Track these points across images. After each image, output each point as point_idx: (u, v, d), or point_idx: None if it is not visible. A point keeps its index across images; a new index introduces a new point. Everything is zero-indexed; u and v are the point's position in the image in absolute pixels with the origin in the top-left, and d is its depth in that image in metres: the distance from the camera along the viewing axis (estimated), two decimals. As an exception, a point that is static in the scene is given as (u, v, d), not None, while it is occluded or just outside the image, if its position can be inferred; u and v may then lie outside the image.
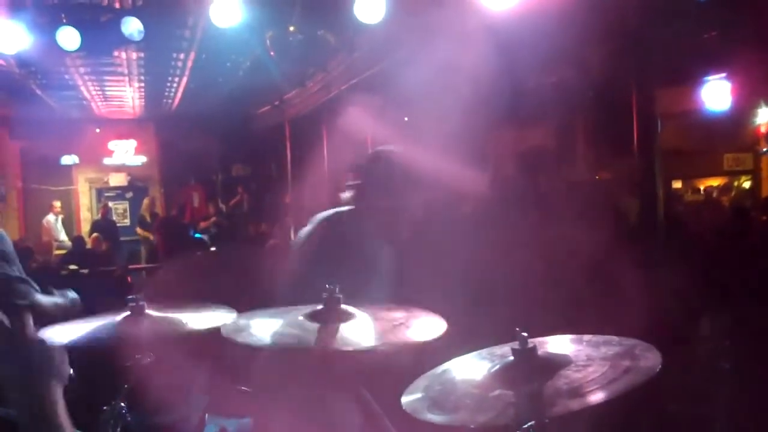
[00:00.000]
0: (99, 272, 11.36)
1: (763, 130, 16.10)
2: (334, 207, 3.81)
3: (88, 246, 14.18)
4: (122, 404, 2.85)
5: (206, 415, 2.97)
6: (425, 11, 7.24)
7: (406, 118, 13.62)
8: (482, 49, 7.07)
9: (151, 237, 16.35)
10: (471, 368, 2.21)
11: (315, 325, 2.45)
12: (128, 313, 2.86)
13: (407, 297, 2.99)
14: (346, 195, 3.73)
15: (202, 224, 16.84)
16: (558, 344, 2.23)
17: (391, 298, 3.11)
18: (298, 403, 2.80)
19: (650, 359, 2.05)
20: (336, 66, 10.97)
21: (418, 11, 7.28)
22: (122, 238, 17.07)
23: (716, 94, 13.40)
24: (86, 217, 19.24)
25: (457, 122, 4.96)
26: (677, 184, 15.68)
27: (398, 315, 2.60)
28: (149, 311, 2.89)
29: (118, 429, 2.81)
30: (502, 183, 6.58)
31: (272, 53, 8.55)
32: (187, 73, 12.93)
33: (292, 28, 8.10)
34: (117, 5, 8.70)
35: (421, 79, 9.16)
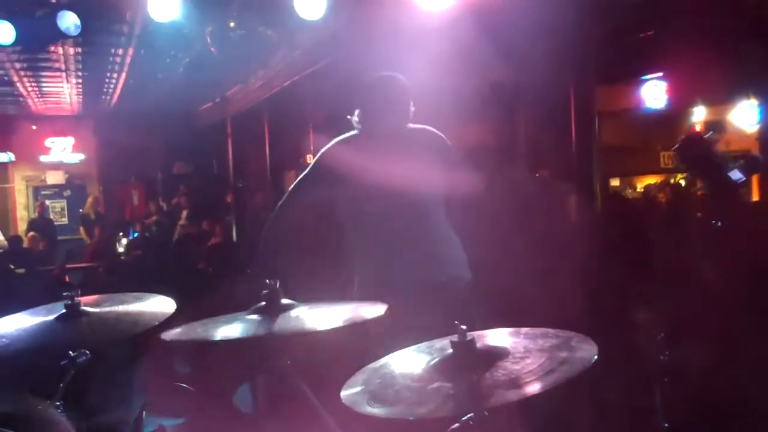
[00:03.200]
0: (36, 272, 11.15)
1: (698, 128, 16.47)
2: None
3: (25, 245, 13.91)
4: (58, 404, 2.80)
5: (144, 414, 2.94)
6: (365, 10, 7.25)
7: (348, 117, 13.60)
8: (422, 49, 7.11)
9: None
10: (410, 361, 2.22)
11: (259, 318, 2.47)
12: (64, 311, 2.81)
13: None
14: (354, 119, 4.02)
15: (146, 221, 16.64)
16: (496, 337, 2.26)
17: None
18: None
19: (586, 350, 2.09)
20: (277, 62, 10.92)
21: (358, 9, 7.29)
22: (60, 237, 16.76)
23: (653, 92, 13.70)
24: (23, 215, 18.86)
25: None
26: (615, 182, 15.96)
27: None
28: (86, 308, 2.84)
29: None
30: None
31: (213, 49, 8.47)
32: (126, 68, 12.75)
33: (232, 24, 8.04)
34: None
35: (362, 77, 9.18)
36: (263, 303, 2.52)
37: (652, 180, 16.25)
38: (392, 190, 3.60)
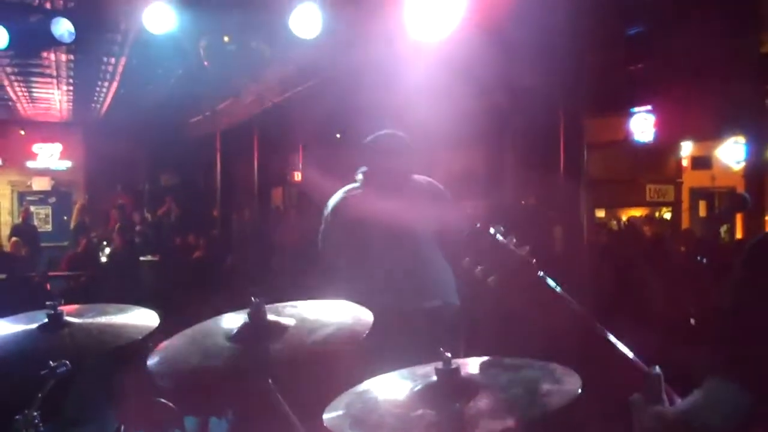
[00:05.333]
0: (17, 278, 11.06)
1: (685, 163, 16.60)
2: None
3: (7, 250, 13.80)
4: (36, 414, 2.77)
5: (122, 427, 2.91)
6: (360, 31, 7.28)
7: (338, 135, 13.66)
8: (413, 76, 7.15)
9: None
10: (394, 387, 2.21)
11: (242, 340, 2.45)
12: (46, 320, 2.78)
13: None
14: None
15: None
16: (480, 365, 2.25)
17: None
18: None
19: (570, 383, 2.08)
20: (270, 79, 10.93)
21: (353, 30, 7.32)
22: (43, 244, 16.63)
23: (641, 125, 13.79)
24: (6, 220, 18.72)
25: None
26: (601, 213, 16.02)
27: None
28: (68, 318, 2.81)
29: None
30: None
31: (206, 62, 8.47)
32: (117, 78, 12.74)
33: (226, 38, 8.05)
34: (48, 6, 8.53)
35: (354, 98, 9.21)
36: (247, 321, 2.50)
37: (636, 212, 16.33)
38: (392, 232, 4.09)
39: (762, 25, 9.14)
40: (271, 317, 2.54)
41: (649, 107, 13.34)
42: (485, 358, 2.32)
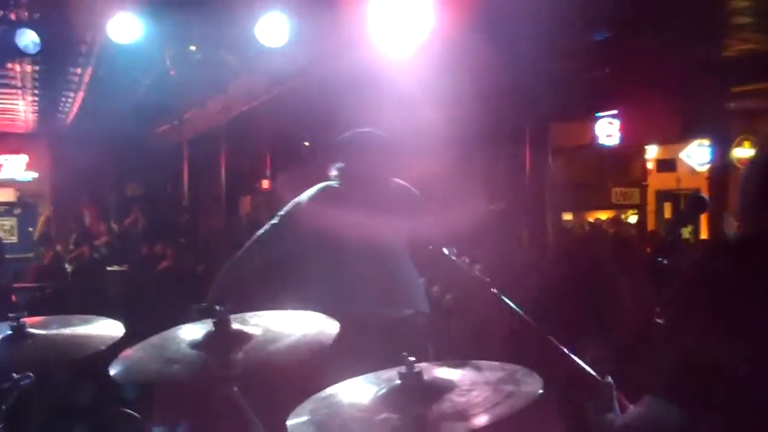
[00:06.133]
0: (-19, 290, 10.91)
1: (650, 166, 16.80)
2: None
3: (-29, 262, 13.60)
4: (0, 426, 2.75)
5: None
6: (327, 41, 7.30)
7: (306, 143, 13.65)
8: (381, 85, 7.18)
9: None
10: (358, 392, 2.22)
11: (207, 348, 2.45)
12: (9, 332, 2.76)
13: None
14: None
15: (94, 243, 16.39)
16: (443, 369, 2.27)
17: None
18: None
19: (531, 384, 2.12)
20: (237, 87, 10.92)
21: (321, 40, 7.34)
22: (8, 256, 16.42)
23: (607, 130, 13.94)
24: (-30, 232, 18.47)
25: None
26: (568, 216, 16.16)
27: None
28: (32, 330, 2.80)
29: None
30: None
31: (172, 72, 8.44)
32: (83, 88, 12.63)
33: (193, 48, 8.04)
34: (12, 17, 8.45)
35: (321, 107, 9.23)
36: (212, 330, 2.50)
37: (603, 215, 16.48)
38: (364, 238, 3.99)
39: (724, 30, 9.29)
40: (235, 326, 2.55)
41: (614, 112, 13.50)
42: (449, 362, 2.34)
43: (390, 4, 6.09)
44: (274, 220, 4.32)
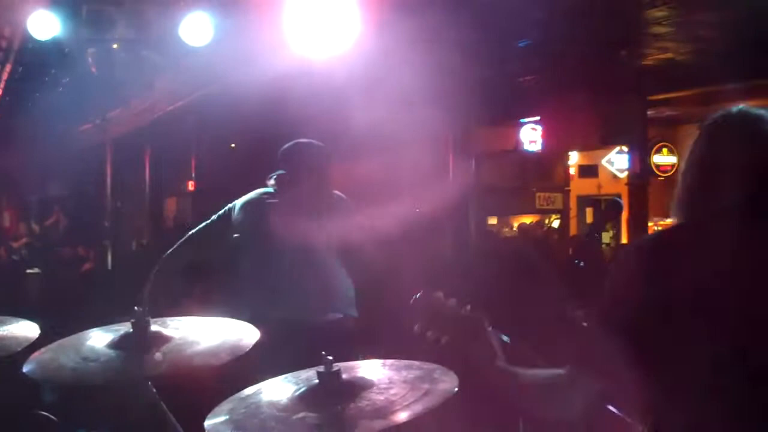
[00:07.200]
0: None
1: (572, 172, 17.14)
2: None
3: None
4: None
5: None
6: (250, 42, 7.27)
7: (233, 145, 13.55)
8: (307, 85, 7.17)
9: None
10: (277, 391, 2.24)
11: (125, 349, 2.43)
12: None
13: None
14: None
15: (13, 245, 15.98)
16: (362, 368, 2.30)
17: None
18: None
19: (447, 382, 2.16)
20: (161, 87, 10.78)
21: (244, 41, 7.30)
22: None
23: (530, 135, 14.19)
24: None
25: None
26: (493, 220, 16.37)
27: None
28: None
29: None
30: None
31: (94, 70, 8.29)
32: (2, 85, 12.32)
33: (115, 46, 7.91)
34: (-73, 12, 8.21)
35: (248, 108, 9.17)
36: (130, 331, 2.48)
37: (527, 219, 16.75)
38: (295, 243, 4.13)
39: (643, 39, 9.53)
40: (155, 328, 2.53)
41: (537, 118, 13.74)
42: (368, 361, 2.38)
43: (313, 8, 6.10)
44: (209, 221, 4.44)
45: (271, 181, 4.46)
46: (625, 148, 14.72)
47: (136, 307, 2.46)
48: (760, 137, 1.93)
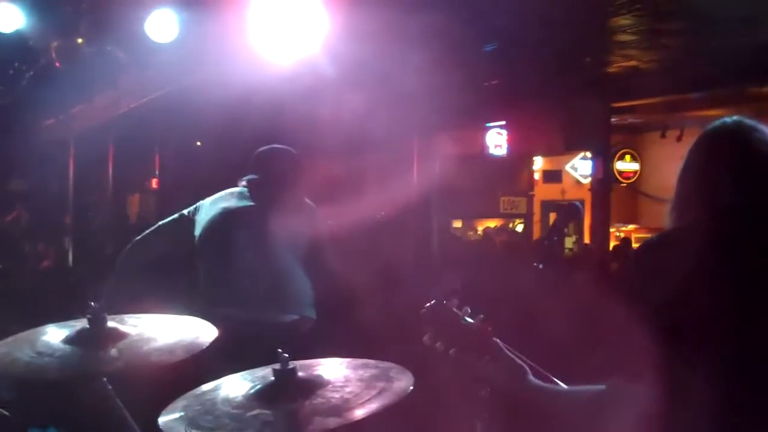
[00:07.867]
0: None
1: (537, 177, 17.28)
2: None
3: None
4: None
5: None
6: (215, 41, 7.25)
7: (198, 143, 13.47)
8: (273, 85, 7.16)
9: None
10: (233, 388, 2.24)
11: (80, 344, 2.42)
12: None
13: None
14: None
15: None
16: (318, 367, 2.32)
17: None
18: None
19: (403, 381, 2.18)
20: (126, 83, 10.68)
21: (210, 39, 7.28)
22: None
23: (496, 140, 14.30)
24: None
25: (245, 154, 5.01)
26: (458, 224, 16.46)
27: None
28: None
29: None
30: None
31: (58, 64, 8.21)
32: (-38, 79, 12.14)
33: (80, 41, 7.83)
34: None
35: (214, 107, 9.13)
36: (86, 327, 2.46)
37: (491, 223, 16.86)
38: (258, 245, 4.22)
39: (607, 46, 9.64)
40: (111, 324, 2.52)
41: (502, 122, 13.84)
42: (325, 360, 2.39)
43: (278, 8, 6.10)
44: (177, 215, 4.48)
45: (243, 183, 4.49)
46: (588, 154, 14.88)
47: (92, 303, 2.45)
48: (754, 145, 2.00)
